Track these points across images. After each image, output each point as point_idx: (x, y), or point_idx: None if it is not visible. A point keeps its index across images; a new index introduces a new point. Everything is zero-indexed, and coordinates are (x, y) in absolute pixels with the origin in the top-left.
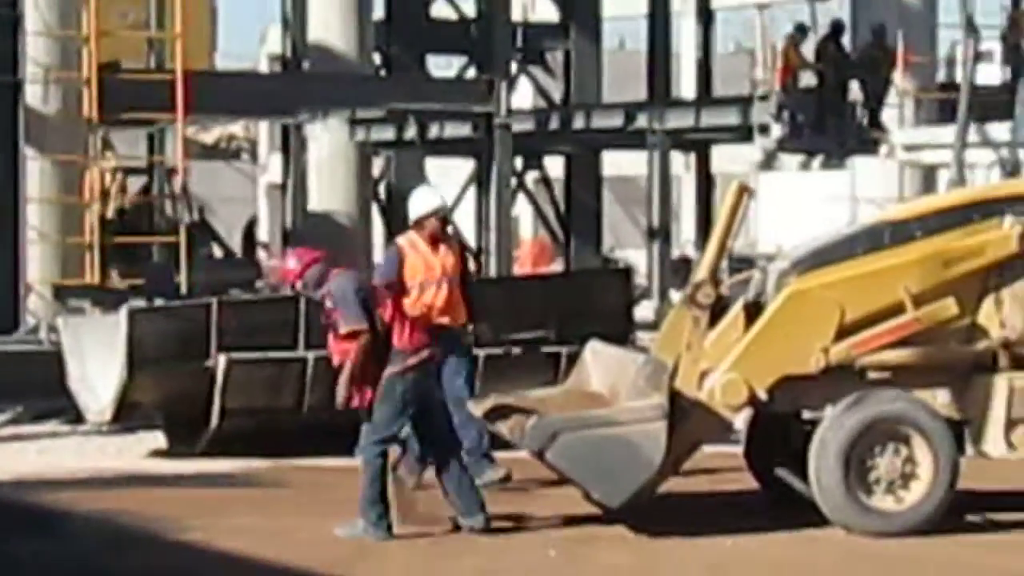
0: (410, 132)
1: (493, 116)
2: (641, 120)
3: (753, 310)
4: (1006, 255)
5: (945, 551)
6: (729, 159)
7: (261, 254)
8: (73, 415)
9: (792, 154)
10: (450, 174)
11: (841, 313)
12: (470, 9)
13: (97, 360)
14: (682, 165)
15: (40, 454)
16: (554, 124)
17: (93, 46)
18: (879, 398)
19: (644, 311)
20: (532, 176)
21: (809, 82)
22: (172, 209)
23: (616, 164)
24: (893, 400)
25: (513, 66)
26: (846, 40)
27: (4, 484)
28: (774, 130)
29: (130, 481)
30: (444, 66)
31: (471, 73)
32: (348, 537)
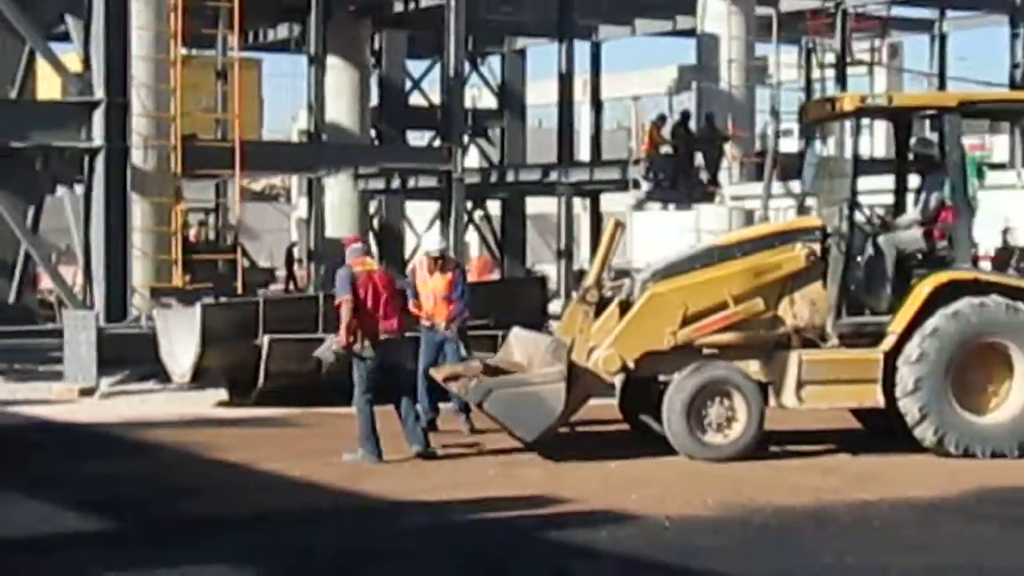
0: (395, 183)
1: (452, 173)
2: (553, 175)
3: (625, 306)
4: (796, 269)
5: (758, 472)
6: (613, 203)
7: (296, 267)
8: (163, 378)
9: (655, 201)
10: (423, 212)
11: (685, 308)
12: (436, 98)
13: (180, 339)
14: (581, 207)
15: (142, 404)
16: (493, 178)
17: (177, 123)
18: (711, 367)
19: (554, 307)
20: (479, 214)
21: (667, 152)
22: (230, 236)
23: (536, 206)
24: (720, 368)
25: (465, 138)
26: (692, 124)
27: (116, 424)
28: (643, 185)
29: (202, 423)
30: (419, 138)
31: (437, 143)
32: (351, 461)
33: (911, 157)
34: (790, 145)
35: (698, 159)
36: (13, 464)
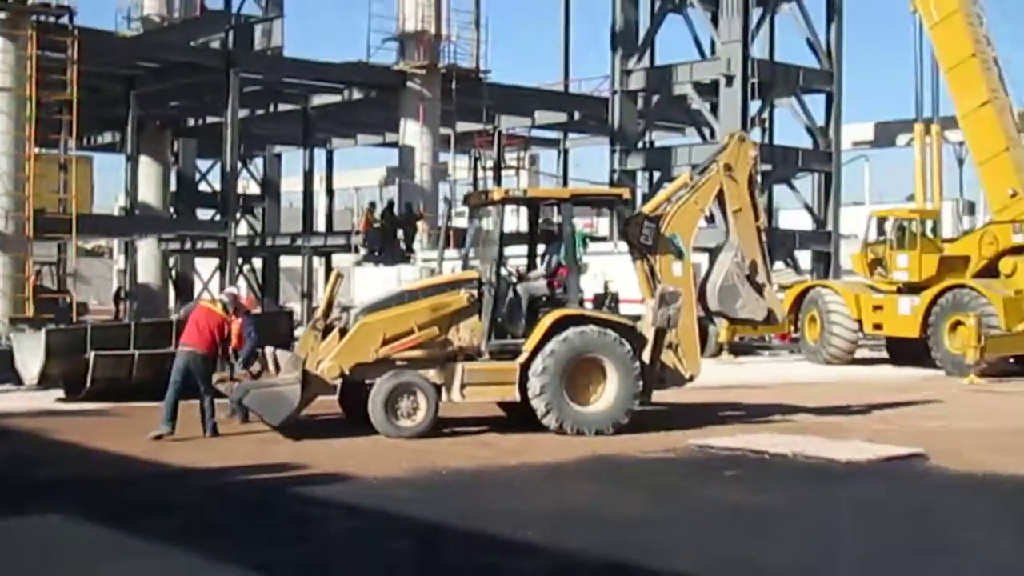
0: (187, 245)
1: (228, 238)
2: (299, 241)
3: (343, 332)
4: (461, 307)
5: (437, 445)
6: (342, 260)
7: (122, 304)
8: (17, 381)
9: (370, 261)
10: (208, 266)
11: (384, 333)
12: (218, 186)
13: (30, 354)
14: (318, 263)
15: (1, 400)
16: (257, 243)
17: (30, 201)
18: (402, 374)
19: (298, 332)
20: (247, 268)
21: (377, 227)
22: (65, 283)
23: (287, 262)
24: (408, 374)
25: (238, 215)
26: (395, 208)
27: None
28: (362, 250)
29: (46, 414)
30: (205, 214)
31: (218, 217)
32: (154, 433)
33: (539, 231)
34: (462, 223)
35: (399, 233)
36: None
